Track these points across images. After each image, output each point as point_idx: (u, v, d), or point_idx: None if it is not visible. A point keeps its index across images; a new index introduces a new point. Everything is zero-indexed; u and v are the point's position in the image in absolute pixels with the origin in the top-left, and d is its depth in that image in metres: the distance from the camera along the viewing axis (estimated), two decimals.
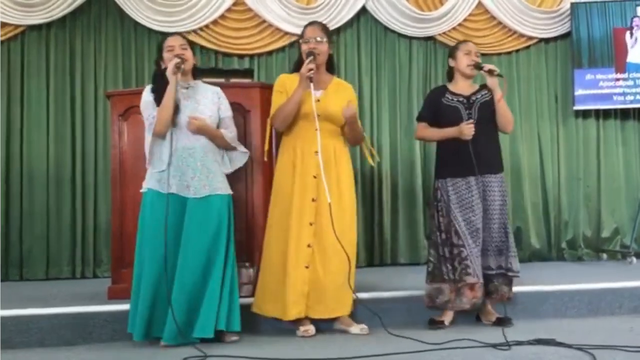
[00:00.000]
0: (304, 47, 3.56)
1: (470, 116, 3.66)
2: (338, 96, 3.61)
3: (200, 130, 3.37)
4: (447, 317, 3.67)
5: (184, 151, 3.35)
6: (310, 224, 3.48)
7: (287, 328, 3.56)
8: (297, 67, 3.67)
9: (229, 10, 5.93)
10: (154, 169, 3.40)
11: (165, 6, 5.83)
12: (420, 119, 3.85)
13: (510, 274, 3.65)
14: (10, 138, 5.66)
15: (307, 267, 3.46)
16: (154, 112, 3.36)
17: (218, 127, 3.49)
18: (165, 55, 3.44)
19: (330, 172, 3.51)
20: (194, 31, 5.79)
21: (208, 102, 3.48)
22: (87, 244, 5.64)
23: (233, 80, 3.87)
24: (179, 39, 3.50)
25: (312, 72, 3.45)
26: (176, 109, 3.34)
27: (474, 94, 3.75)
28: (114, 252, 4.10)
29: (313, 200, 3.50)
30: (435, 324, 3.64)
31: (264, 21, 5.96)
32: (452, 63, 3.82)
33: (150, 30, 5.86)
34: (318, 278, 3.46)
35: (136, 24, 5.85)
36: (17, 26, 5.69)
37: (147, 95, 3.45)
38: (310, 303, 3.46)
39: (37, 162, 5.64)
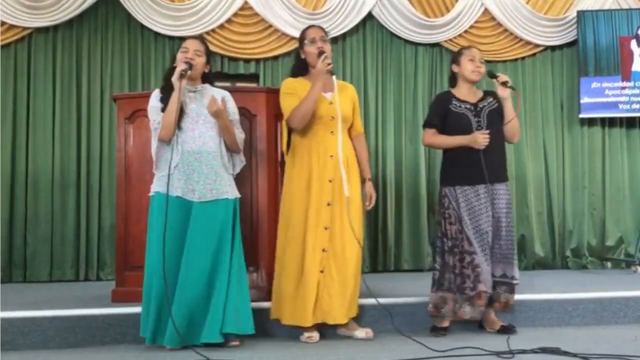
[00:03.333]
0: (311, 48, 3.55)
1: (479, 124, 3.64)
2: (345, 96, 3.63)
3: (218, 113, 3.34)
4: (446, 323, 3.66)
5: (190, 155, 3.34)
6: (326, 228, 3.48)
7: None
8: (297, 71, 3.66)
9: (235, 14, 5.95)
10: (160, 173, 3.40)
11: (172, 10, 5.84)
12: (428, 125, 3.79)
13: (514, 281, 3.63)
14: (16, 140, 5.67)
15: (321, 272, 3.46)
16: (159, 117, 3.36)
17: None
18: (178, 55, 3.45)
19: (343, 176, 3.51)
20: (201, 35, 5.81)
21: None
22: (91, 246, 5.65)
23: (239, 84, 3.86)
24: (195, 44, 3.48)
25: (330, 66, 3.46)
26: (181, 113, 3.35)
27: (480, 100, 3.73)
28: (119, 255, 4.10)
29: (328, 204, 3.49)
30: (437, 330, 3.62)
31: (270, 26, 5.98)
32: (455, 69, 3.80)
33: (156, 33, 5.88)
34: (333, 283, 3.45)
35: (143, 27, 5.87)
36: (24, 28, 5.71)
37: (154, 100, 3.44)
38: (326, 308, 3.44)
39: (43, 164, 5.65)
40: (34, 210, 5.61)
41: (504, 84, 3.61)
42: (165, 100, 3.36)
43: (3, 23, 5.63)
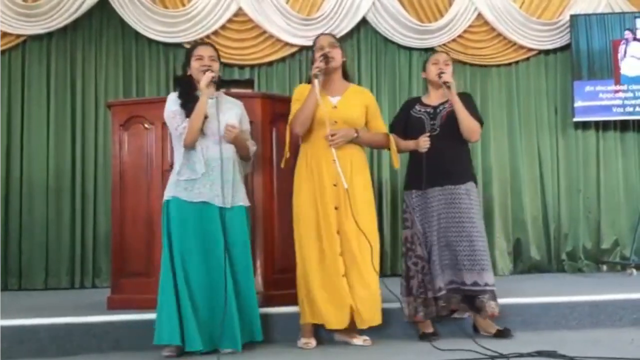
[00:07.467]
0: (316, 55, 3.57)
1: (433, 127, 3.65)
2: (355, 101, 3.61)
3: (235, 139, 3.38)
4: (429, 327, 3.64)
5: (213, 161, 3.36)
6: (337, 233, 3.47)
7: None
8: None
9: (230, 20, 5.96)
10: (182, 177, 3.36)
11: (167, 17, 5.85)
12: (390, 130, 3.83)
13: (488, 288, 3.54)
14: (11, 147, 5.66)
15: (344, 276, 3.43)
16: (184, 122, 3.34)
17: None
18: (193, 63, 3.45)
19: (345, 179, 3.47)
20: (195, 41, 5.81)
21: (232, 113, 3.47)
22: (87, 253, 5.64)
23: (234, 90, 3.86)
24: (209, 50, 3.50)
25: (318, 69, 3.46)
26: (204, 118, 3.35)
27: (442, 104, 3.73)
28: (114, 262, 4.08)
29: (336, 208, 3.48)
30: (427, 336, 3.58)
31: (265, 32, 5.99)
32: (423, 75, 3.84)
33: (151, 40, 5.89)
34: (354, 287, 3.43)
35: (137, 34, 5.87)
36: (18, 36, 5.71)
37: (173, 104, 3.42)
38: (355, 313, 3.42)
39: (37, 172, 5.65)
40: (28, 218, 5.60)
41: (445, 84, 3.60)
42: (185, 105, 3.36)
43: None
